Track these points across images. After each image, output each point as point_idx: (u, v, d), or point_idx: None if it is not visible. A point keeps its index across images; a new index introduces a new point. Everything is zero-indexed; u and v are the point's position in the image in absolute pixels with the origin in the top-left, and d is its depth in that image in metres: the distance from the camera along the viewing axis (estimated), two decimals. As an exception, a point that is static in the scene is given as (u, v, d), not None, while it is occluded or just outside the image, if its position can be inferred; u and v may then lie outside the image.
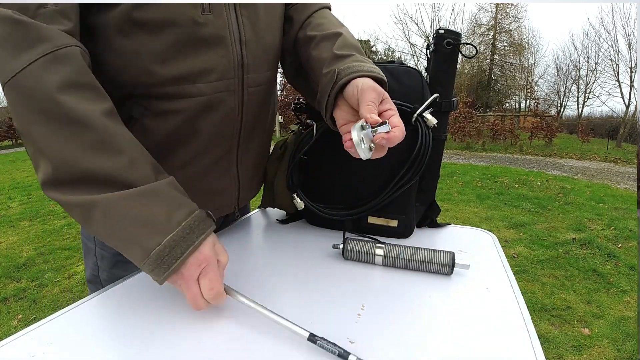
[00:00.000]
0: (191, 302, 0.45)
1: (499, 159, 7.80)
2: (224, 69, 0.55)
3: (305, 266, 0.60)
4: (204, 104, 0.55)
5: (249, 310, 0.46)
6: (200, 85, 0.54)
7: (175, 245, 0.42)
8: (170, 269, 0.42)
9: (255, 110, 0.63)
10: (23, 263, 2.67)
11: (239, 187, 0.69)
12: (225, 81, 0.56)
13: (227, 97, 0.57)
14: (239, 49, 0.56)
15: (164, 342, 0.42)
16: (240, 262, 0.62)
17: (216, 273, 0.45)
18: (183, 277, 0.44)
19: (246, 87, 0.59)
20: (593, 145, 10.61)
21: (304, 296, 0.52)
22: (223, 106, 0.57)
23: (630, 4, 11.64)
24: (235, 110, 0.59)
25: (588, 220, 3.65)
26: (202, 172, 0.62)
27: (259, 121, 0.67)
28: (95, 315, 0.47)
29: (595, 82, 15.15)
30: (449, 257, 0.56)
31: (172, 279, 0.45)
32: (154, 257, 0.42)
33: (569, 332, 1.91)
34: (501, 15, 16.91)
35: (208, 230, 0.46)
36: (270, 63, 0.64)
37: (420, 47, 16.18)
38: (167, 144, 0.57)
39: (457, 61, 0.68)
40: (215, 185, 0.65)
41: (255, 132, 0.67)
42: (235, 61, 0.56)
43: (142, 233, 0.42)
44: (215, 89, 0.55)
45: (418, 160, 0.65)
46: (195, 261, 0.44)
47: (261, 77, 0.61)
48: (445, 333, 0.44)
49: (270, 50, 0.63)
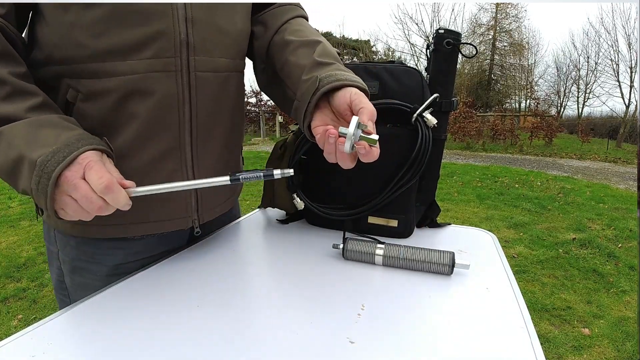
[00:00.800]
0: (84, 203, 0.43)
1: (499, 159, 7.80)
2: (161, 47, 0.52)
3: (305, 266, 0.60)
4: (136, 83, 0.52)
5: (248, 315, 0.46)
6: (132, 62, 0.51)
7: (58, 151, 0.43)
8: (53, 172, 0.42)
9: (211, 100, 0.58)
10: (23, 263, 2.67)
11: (197, 196, 0.62)
12: (162, 60, 0.52)
13: (164, 79, 0.53)
14: (183, 27, 0.52)
15: (165, 341, 0.42)
16: (241, 262, 0.62)
17: (103, 167, 0.44)
18: (67, 179, 0.42)
19: (193, 71, 0.54)
20: (593, 145, 10.61)
21: (304, 296, 0.52)
22: (160, 88, 0.53)
23: (630, 4, 11.64)
24: (179, 96, 0.55)
25: (588, 220, 3.65)
26: (144, 168, 0.56)
27: (219, 115, 0.61)
28: (95, 315, 0.47)
29: (595, 82, 15.15)
30: (449, 257, 0.56)
31: (59, 190, 0.43)
32: (39, 165, 0.42)
33: (569, 332, 1.91)
34: (501, 15, 16.92)
35: (97, 145, 0.46)
36: (227, 49, 0.59)
37: (420, 47, 16.18)
38: (103, 128, 0.53)
39: (457, 61, 0.68)
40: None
41: (215, 129, 0.61)
42: (176, 39, 0.52)
43: (29, 150, 0.43)
44: (148, 67, 0.52)
45: (418, 160, 0.65)
46: (79, 161, 0.43)
47: (214, 63, 0.57)
48: (445, 333, 0.44)
49: (227, 35, 0.59)
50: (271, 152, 0.79)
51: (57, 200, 0.44)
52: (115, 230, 0.59)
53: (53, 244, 0.64)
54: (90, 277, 0.61)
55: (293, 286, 0.54)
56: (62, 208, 0.44)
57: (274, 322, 0.46)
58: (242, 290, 0.53)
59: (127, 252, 0.61)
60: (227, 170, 0.66)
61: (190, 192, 0.61)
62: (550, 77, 19.78)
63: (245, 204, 4.20)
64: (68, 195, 0.43)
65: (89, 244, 0.60)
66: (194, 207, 0.62)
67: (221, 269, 0.59)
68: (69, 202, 0.43)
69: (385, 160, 0.68)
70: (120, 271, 0.60)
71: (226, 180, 0.46)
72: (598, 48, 14.71)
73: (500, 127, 10.12)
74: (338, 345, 0.41)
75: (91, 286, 0.60)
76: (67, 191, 0.43)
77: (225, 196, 0.70)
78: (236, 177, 0.45)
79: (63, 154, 0.43)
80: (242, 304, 0.49)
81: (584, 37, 21.05)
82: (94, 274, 0.61)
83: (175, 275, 0.57)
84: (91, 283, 0.61)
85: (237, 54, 0.63)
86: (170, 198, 0.59)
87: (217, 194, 0.67)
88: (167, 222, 0.61)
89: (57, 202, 0.44)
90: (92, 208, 0.43)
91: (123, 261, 0.61)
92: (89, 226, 0.58)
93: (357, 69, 0.68)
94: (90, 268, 0.61)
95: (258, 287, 0.54)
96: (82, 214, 0.44)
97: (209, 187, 0.60)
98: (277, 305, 0.49)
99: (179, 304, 0.49)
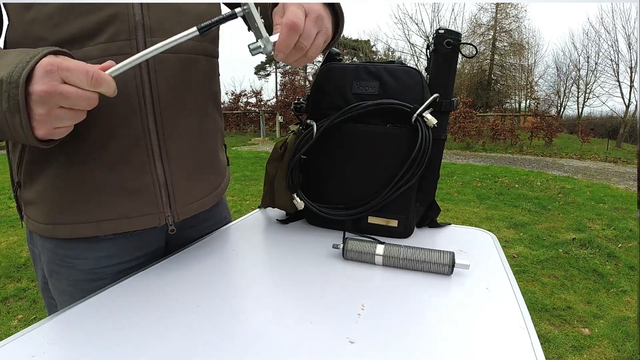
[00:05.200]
0: (79, 104, 0.41)
1: (499, 159, 7.80)
2: (116, 30, 0.51)
3: (305, 266, 0.60)
4: None
5: (248, 314, 0.46)
6: (88, 49, 0.50)
7: (19, 62, 0.40)
8: (20, 77, 0.39)
9: (174, 82, 0.56)
10: (23, 263, 2.67)
11: (169, 189, 0.59)
12: (117, 43, 0.51)
13: (119, 61, 0.51)
14: (138, 9, 0.52)
15: (165, 341, 0.42)
16: (240, 262, 0.62)
17: (76, 62, 0.41)
18: (44, 92, 0.39)
19: None
20: (593, 145, 10.61)
21: (304, 296, 0.52)
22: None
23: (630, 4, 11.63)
24: (137, 79, 0.53)
25: (588, 220, 3.65)
26: (111, 159, 0.55)
27: (185, 100, 0.59)
28: (95, 315, 0.47)
29: (595, 82, 15.17)
30: (449, 257, 0.56)
31: (37, 107, 0.40)
32: (4, 81, 0.39)
33: (569, 332, 1.91)
34: (501, 15, 16.92)
35: (58, 49, 0.44)
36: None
37: (420, 47, 16.19)
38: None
39: (457, 61, 0.68)
40: (130, 183, 0.56)
41: (182, 115, 0.59)
42: (130, 21, 0.51)
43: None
44: (103, 51, 0.51)
45: (418, 160, 0.65)
46: (47, 69, 0.40)
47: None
48: (445, 333, 0.44)
49: (188, 15, 0.57)
50: (271, 152, 0.79)
51: (41, 120, 0.41)
52: (86, 229, 0.57)
53: (36, 245, 0.63)
54: (64, 282, 0.60)
55: (293, 286, 0.54)
56: (55, 126, 0.42)
57: (273, 321, 0.46)
58: (242, 290, 0.53)
59: (99, 255, 0.59)
60: (200, 162, 0.64)
61: (159, 185, 0.58)
62: (550, 77, 19.82)
63: (245, 204, 4.20)
64: (59, 107, 0.41)
65: (62, 247, 0.59)
66: (165, 202, 0.59)
67: (221, 268, 0.59)
68: (61, 113, 0.42)
69: (385, 160, 0.69)
70: (94, 277, 0.59)
71: (194, 31, 0.45)
72: (598, 48, 14.73)
73: (500, 127, 10.13)
74: (338, 345, 0.41)
75: (67, 292, 0.59)
76: (56, 104, 0.41)
77: (204, 192, 0.66)
78: (204, 26, 0.45)
79: (25, 60, 0.40)
80: (242, 304, 0.49)
81: (584, 37, 21.09)
82: (67, 278, 0.59)
83: (175, 275, 0.57)
84: (67, 289, 0.60)
85: (204, 36, 0.61)
86: (139, 192, 0.57)
87: (192, 188, 0.63)
88: (137, 219, 0.58)
89: (43, 122, 0.41)
90: (88, 105, 0.42)
91: (96, 266, 0.59)
92: (61, 226, 0.57)
93: (357, 69, 0.68)
94: (63, 272, 0.59)
95: (258, 287, 0.54)
96: (76, 118, 0.43)
97: (180, 180, 0.60)
98: (277, 305, 0.49)
99: (179, 304, 0.49)
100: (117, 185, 0.56)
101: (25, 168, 0.57)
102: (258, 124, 12.55)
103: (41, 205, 0.57)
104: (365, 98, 0.67)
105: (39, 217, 0.58)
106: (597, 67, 14.84)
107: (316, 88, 0.71)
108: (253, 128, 13.39)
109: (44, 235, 0.59)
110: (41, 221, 0.58)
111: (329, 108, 0.69)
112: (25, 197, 0.59)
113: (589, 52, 15.17)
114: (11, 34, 0.53)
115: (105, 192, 0.55)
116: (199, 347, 0.41)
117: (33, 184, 0.57)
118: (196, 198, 0.65)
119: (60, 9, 0.49)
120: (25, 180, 0.58)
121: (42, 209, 0.57)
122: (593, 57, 14.93)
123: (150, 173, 0.57)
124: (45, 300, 0.67)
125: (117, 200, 0.57)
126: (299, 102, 0.76)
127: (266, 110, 13.10)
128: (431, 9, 17.01)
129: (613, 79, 13.92)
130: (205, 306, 0.49)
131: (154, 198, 0.58)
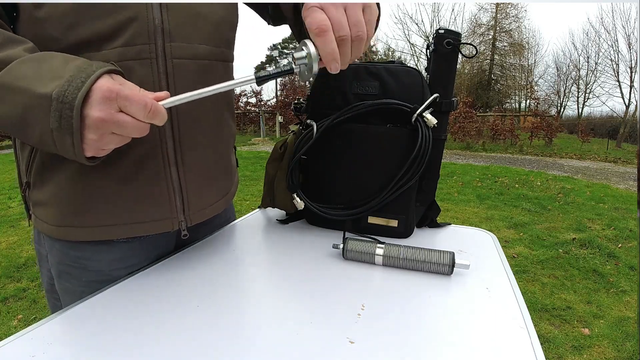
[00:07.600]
0: (132, 133, 0.42)
1: (499, 159, 7.80)
2: (134, 33, 0.50)
3: (305, 266, 0.60)
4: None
5: (248, 314, 0.46)
6: (105, 52, 0.49)
7: (73, 79, 0.39)
8: (75, 100, 0.38)
9: (192, 88, 0.56)
10: (23, 263, 2.67)
11: (182, 195, 0.59)
12: (136, 47, 0.50)
13: (139, 67, 0.51)
14: (157, 12, 0.51)
15: (166, 341, 0.42)
16: (240, 262, 0.62)
17: (134, 90, 0.41)
18: (100, 120, 0.39)
19: (169, 57, 0.52)
20: (593, 145, 10.61)
21: (304, 296, 0.52)
22: (135, 77, 0.50)
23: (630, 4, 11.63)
24: (155, 84, 0.52)
25: (588, 220, 3.65)
26: (126, 170, 0.54)
27: (203, 106, 0.58)
28: (95, 315, 0.47)
29: (595, 82, 15.18)
30: (449, 257, 0.56)
31: (90, 132, 0.40)
32: (56, 98, 0.38)
33: (569, 332, 1.91)
34: (501, 15, 16.92)
35: (111, 66, 0.43)
36: (207, 36, 0.57)
37: (420, 47, 16.19)
38: None
39: (457, 61, 0.67)
40: (145, 190, 0.56)
41: (200, 121, 0.58)
42: (150, 25, 0.50)
43: (38, 86, 0.39)
44: (121, 55, 0.50)
45: (418, 160, 0.65)
46: (100, 92, 0.39)
47: (193, 49, 0.55)
48: (445, 333, 0.44)
49: (207, 21, 0.56)
50: (271, 152, 0.79)
51: (91, 144, 0.41)
52: (100, 232, 0.57)
53: (43, 246, 0.62)
54: (75, 283, 0.59)
55: (293, 286, 0.54)
56: (102, 148, 0.42)
57: (273, 321, 0.46)
58: (242, 290, 0.53)
59: (112, 257, 0.59)
60: (215, 168, 0.64)
61: (173, 192, 0.58)
62: (550, 77, 19.78)
63: (245, 204, 4.20)
64: (112, 133, 0.41)
65: (74, 248, 0.58)
66: (179, 208, 0.59)
67: (221, 269, 0.59)
68: (111, 138, 0.42)
69: (385, 160, 0.69)
70: (105, 278, 0.58)
71: (252, 79, 0.45)
72: (598, 48, 14.73)
73: (500, 127, 10.13)
74: (338, 345, 0.41)
75: (77, 292, 0.59)
76: (110, 130, 0.41)
77: (216, 197, 0.66)
78: (262, 77, 0.45)
79: (80, 78, 0.39)
80: (242, 304, 0.49)
81: (584, 37, 21.07)
82: (78, 279, 0.59)
83: (175, 276, 0.57)
84: (77, 289, 0.59)
85: (221, 42, 0.60)
86: (153, 198, 0.57)
87: (206, 194, 0.63)
88: (151, 223, 0.58)
89: (92, 146, 0.41)
90: (139, 134, 0.42)
91: (108, 267, 0.59)
92: (74, 229, 0.56)
93: (358, 69, 0.68)
94: (75, 273, 0.59)
95: (258, 287, 0.54)
96: (123, 142, 0.44)
97: (195, 186, 0.60)
98: (277, 305, 0.49)
99: (179, 304, 0.49)
100: (131, 193, 0.55)
101: (35, 169, 0.56)
102: (258, 124, 12.55)
103: (52, 207, 0.56)
104: (365, 98, 0.67)
105: (49, 219, 0.57)
106: (597, 67, 14.86)
107: (316, 88, 0.71)
108: (253, 128, 13.38)
109: (56, 237, 0.58)
110: (52, 223, 0.57)
111: (329, 108, 0.69)
112: (35, 197, 0.58)
113: (589, 52, 15.19)
114: (21, 32, 0.50)
115: (120, 199, 0.54)
116: (199, 347, 0.41)
117: (44, 186, 0.56)
118: (209, 203, 0.65)
119: (75, 9, 0.48)
120: (36, 181, 0.57)
121: (53, 211, 0.56)
122: (593, 57, 14.95)
123: (165, 180, 0.57)
124: (49, 301, 0.66)
125: (131, 207, 0.56)
126: (299, 102, 0.76)
127: (266, 110, 13.09)
128: (431, 9, 17.02)
129: (613, 79, 13.94)
130: (205, 306, 0.49)
131: (169, 204, 0.58)
